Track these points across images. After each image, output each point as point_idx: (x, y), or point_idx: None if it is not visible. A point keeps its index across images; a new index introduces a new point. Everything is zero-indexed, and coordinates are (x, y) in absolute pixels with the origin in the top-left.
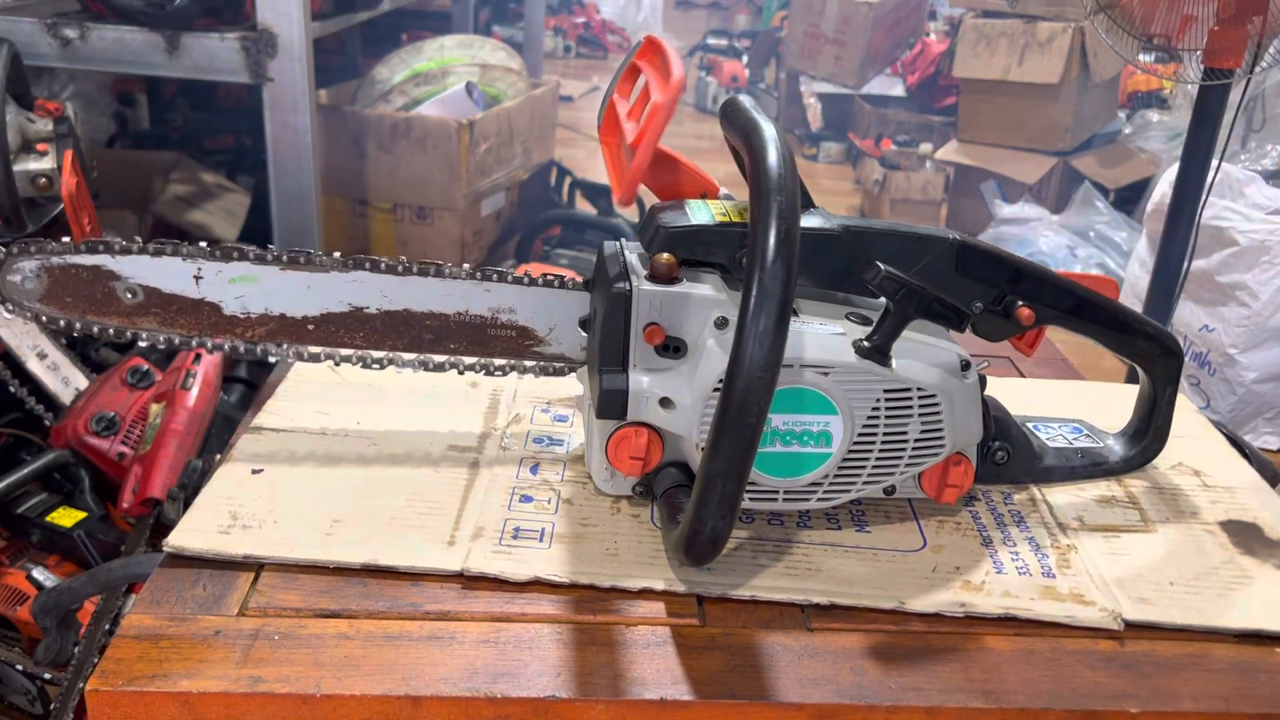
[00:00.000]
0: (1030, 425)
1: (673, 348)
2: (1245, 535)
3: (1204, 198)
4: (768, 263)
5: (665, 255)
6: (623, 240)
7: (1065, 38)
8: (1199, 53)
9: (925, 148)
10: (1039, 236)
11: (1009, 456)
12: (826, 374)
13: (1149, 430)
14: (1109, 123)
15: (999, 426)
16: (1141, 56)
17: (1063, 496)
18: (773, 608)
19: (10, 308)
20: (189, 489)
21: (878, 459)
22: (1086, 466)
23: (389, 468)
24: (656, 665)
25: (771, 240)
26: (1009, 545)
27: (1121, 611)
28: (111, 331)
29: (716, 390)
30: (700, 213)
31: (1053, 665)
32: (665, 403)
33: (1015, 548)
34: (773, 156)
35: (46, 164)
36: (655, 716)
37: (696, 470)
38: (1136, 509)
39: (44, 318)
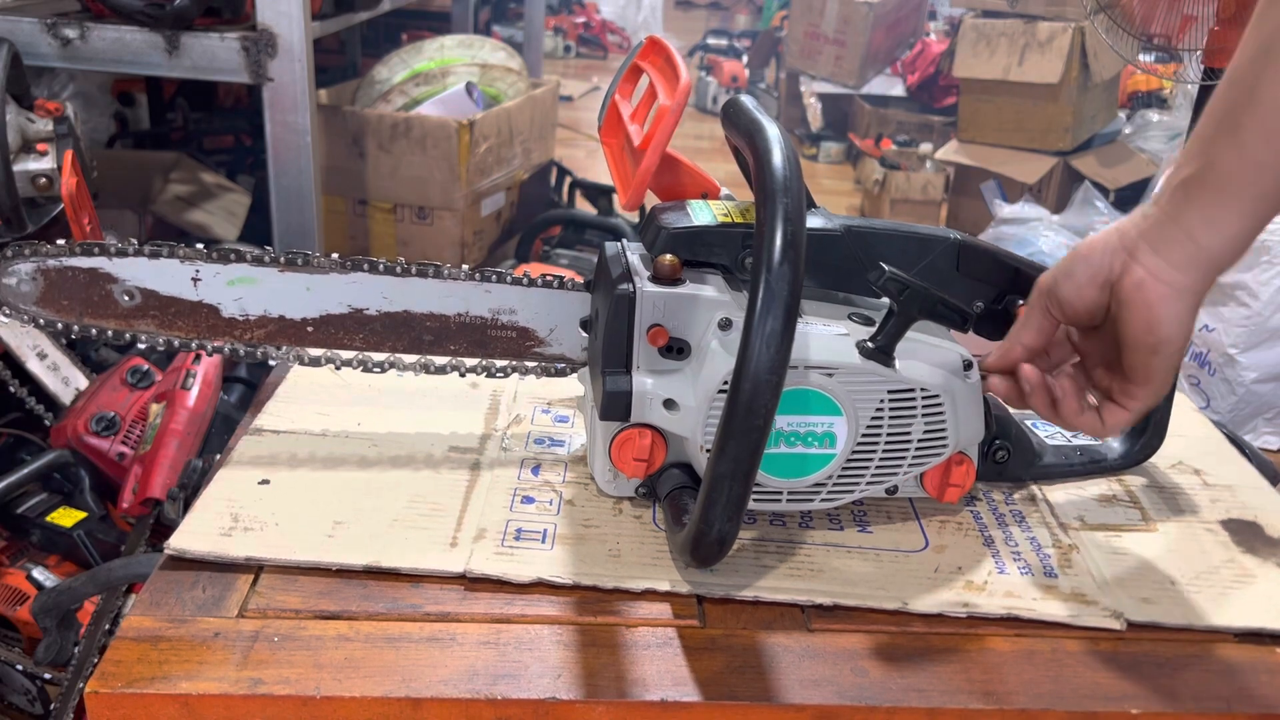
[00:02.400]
0: (1029, 424)
1: (676, 349)
2: (1246, 534)
3: None
4: (774, 265)
5: (668, 256)
6: (624, 241)
7: (1065, 38)
8: (1199, 53)
9: (925, 148)
10: (1039, 236)
11: (1009, 455)
12: (831, 375)
13: (1147, 427)
14: (1109, 123)
15: (999, 425)
16: (1141, 56)
17: (1063, 495)
18: (773, 608)
19: (7, 311)
20: (189, 489)
21: (881, 459)
22: (1085, 464)
23: (390, 470)
24: (657, 666)
25: (778, 242)
26: (1011, 545)
27: (1124, 611)
28: (110, 334)
29: (721, 392)
30: (702, 213)
31: (1054, 666)
32: (669, 404)
33: (1017, 547)
34: (778, 158)
35: (46, 164)
36: (656, 718)
37: (701, 472)
38: (1137, 508)
39: (41, 321)
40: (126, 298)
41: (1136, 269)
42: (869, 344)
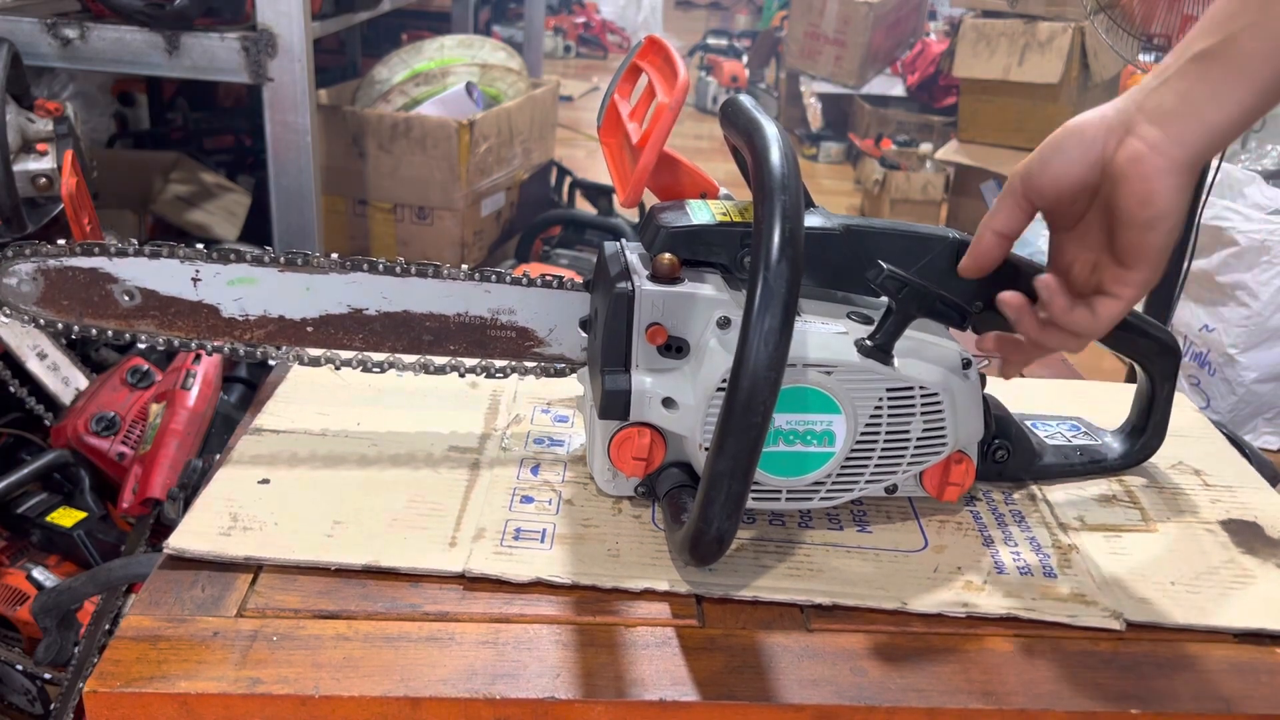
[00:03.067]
0: (1029, 423)
1: (675, 348)
2: (1246, 534)
3: (1204, 198)
4: (772, 262)
5: (667, 255)
6: (623, 240)
7: (1065, 38)
8: None
9: (925, 148)
10: (1039, 236)
11: (1009, 454)
12: (829, 373)
13: (1147, 427)
14: None
15: (999, 424)
16: (1141, 56)
17: (1063, 495)
18: (772, 608)
19: (8, 311)
20: (189, 489)
21: (880, 458)
22: (1085, 464)
23: (390, 469)
24: (656, 666)
25: (776, 239)
26: (1010, 545)
27: (1123, 611)
28: (110, 334)
29: (719, 390)
30: (701, 213)
31: (1053, 666)
32: (668, 403)
33: (1016, 547)
34: (775, 156)
35: (46, 164)
36: (655, 718)
37: (700, 470)
38: (1137, 508)
39: (41, 321)
40: (126, 298)
41: (1133, 142)
42: (867, 342)
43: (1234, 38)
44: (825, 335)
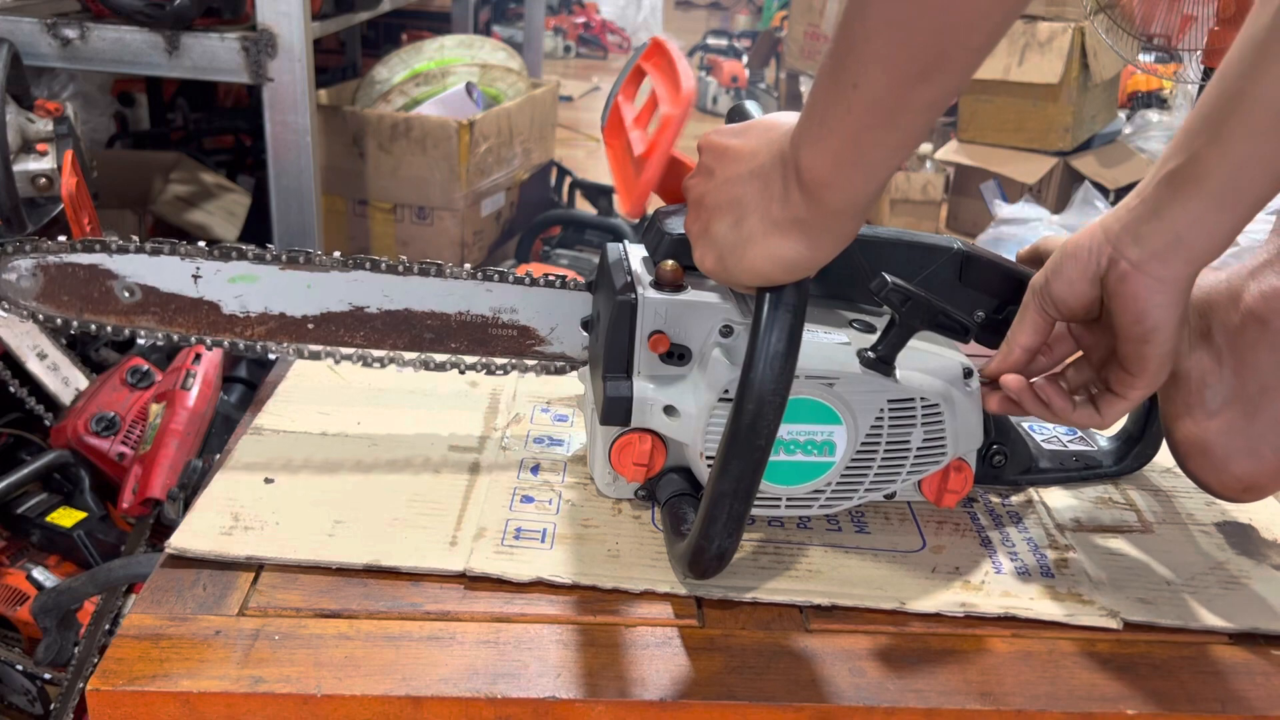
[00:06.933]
0: (1025, 424)
1: (677, 355)
2: (1241, 536)
3: None
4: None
5: (670, 262)
6: (626, 243)
7: (1065, 38)
8: (1199, 53)
9: (925, 148)
10: (1039, 237)
11: (1005, 459)
12: (831, 385)
13: (1143, 436)
14: (1109, 123)
15: (997, 428)
16: (1141, 56)
17: (1060, 497)
18: (771, 609)
19: (7, 306)
20: (189, 489)
21: (880, 467)
22: (1080, 470)
23: (390, 469)
24: (656, 666)
25: None
26: (1008, 546)
27: (1120, 611)
28: (109, 330)
29: (721, 400)
30: None
31: (1050, 666)
32: (669, 410)
33: (1014, 548)
34: None
35: (46, 164)
36: (655, 717)
37: (700, 477)
38: (1133, 510)
39: (41, 316)
40: (127, 294)
41: (1121, 262)
42: (869, 353)
43: (1196, 157)
44: (828, 346)
